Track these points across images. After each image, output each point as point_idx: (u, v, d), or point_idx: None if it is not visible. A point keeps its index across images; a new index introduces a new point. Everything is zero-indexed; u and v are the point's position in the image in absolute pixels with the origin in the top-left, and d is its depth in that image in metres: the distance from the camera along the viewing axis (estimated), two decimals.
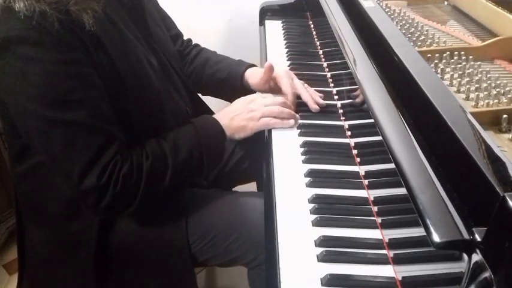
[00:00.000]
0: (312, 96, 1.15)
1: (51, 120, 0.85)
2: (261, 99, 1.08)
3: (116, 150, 0.89)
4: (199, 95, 1.31)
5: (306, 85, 1.19)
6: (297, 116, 1.10)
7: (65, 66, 0.84)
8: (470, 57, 0.97)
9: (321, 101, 1.15)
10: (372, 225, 0.82)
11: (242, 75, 1.23)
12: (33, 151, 0.95)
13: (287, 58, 1.43)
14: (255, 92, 1.20)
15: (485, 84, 0.87)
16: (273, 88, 1.18)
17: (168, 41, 1.20)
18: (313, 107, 1.13)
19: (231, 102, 1.11)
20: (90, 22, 0.84)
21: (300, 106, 1.15)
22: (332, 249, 0.77)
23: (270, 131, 1.07)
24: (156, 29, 1.14)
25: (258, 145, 1.11)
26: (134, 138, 0.95)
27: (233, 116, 1.03)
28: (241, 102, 1.07)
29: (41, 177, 0.98)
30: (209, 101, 1.31)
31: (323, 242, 0.79)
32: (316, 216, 0.84)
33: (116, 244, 1.01)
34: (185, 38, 1.36)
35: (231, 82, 1.25)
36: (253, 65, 1.26)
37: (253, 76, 1.22)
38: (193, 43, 1.36)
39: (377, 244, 0.79)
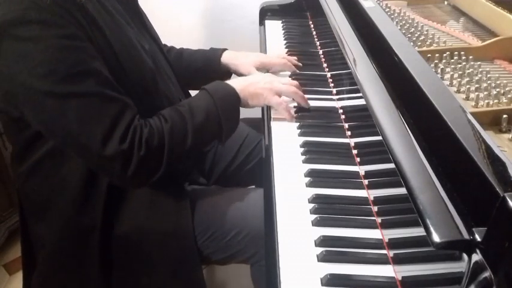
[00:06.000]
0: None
1: (63, 96, 0.85)
2: (279, 77, 1.12)
3: (132, 117, 0.90)
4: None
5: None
6: (308, 101, 1.13)
7: (67, 40, 0.84)
8: (470, 57, 0.97)
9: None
10: (372, 225, 0.82)
11: (219, 58, 1.30)
12: (42, 141, 0.95)
13: None
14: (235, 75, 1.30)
15: (485, 84, 0.86)
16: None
17: (156, 32, 1.22)
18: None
19: None
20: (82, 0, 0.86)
21: (299, 107, 1.14)
22: (332, 249, 0.77)
23: (270, 131, 1.08)
24: (146, 18, 1.18)
25: (261, 148, 1.11)
26: None
27: (250, 82, 1.07)
28: (258, 74, 1.13)
29: (45, 173, 0.98)
30: None
31: (323, 241, 0.79)
32: (316, 216, 0.84)
33: (120, 237, 1.01)
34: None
35: (209, 68, 1.31)
36: (225, 49, 1.33)
37: (235, 58, 1.30)
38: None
39: (377, 244, 0.79)
